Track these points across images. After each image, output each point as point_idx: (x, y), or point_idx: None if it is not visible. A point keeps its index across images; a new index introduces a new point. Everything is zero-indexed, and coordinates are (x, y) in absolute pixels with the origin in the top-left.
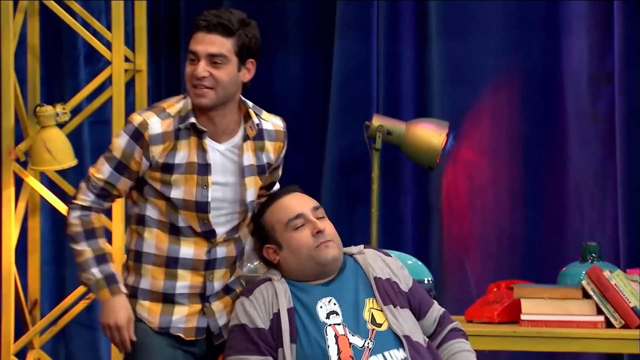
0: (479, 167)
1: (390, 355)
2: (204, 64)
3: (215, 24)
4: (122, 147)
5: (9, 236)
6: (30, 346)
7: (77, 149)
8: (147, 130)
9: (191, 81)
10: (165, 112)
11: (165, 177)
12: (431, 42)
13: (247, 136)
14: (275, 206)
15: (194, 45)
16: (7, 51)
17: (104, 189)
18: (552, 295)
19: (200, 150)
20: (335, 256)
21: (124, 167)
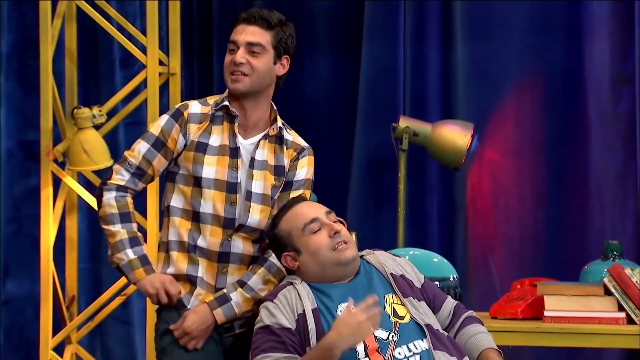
0: (503, 167)
1: (415, 346)
2: (243, 52)
3: (257, 16)
4: (162, 124)
5: (47, 234)
6: (67, 341)
7: (112, 150)
8: (187, 110)
9: (229, 68)
10: (205, 101)
11: (198, 156)
12: (456, 45)
13: (268, 134)
14: (289, 215)
15: (234, 35)
16: (46, 55)
17: (139, 167)
18: (574, 292)
19: (231, 134)
20: (355, 255)
21: (161, 144)
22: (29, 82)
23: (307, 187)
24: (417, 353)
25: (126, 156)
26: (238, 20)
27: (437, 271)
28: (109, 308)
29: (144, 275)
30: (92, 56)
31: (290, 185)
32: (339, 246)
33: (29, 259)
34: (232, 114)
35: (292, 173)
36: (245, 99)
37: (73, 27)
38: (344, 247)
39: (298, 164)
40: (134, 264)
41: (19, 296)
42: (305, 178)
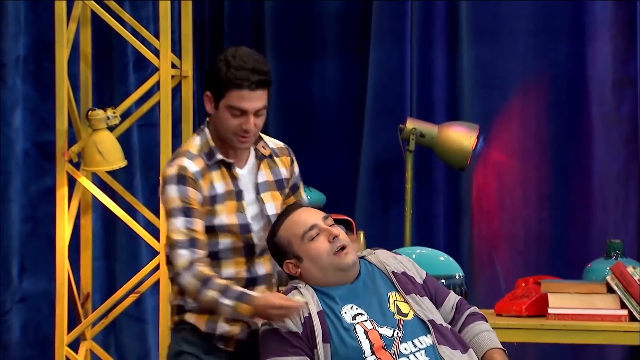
0: (508, 168)
1: (420, 341)
2: (253, 119)
3: (257, 82)
4: (176, 194)
5: (62, 233)
6: (82, 337)
7: (126, 151)
8: (188, 171)
9: (236, 132)
10: (190, 153)
11: (212, 209)
12: (462, 48)
13: (263, 155)
14: (288, 222)
15: (240, 102)
16: (61, 58)
17: (191, 239)
18: (577, 290)
19: (232, 179)
20: (355, 260)
21: (189, 209)
22: (45, 84)
23: (301, 180)
24: (422, 348)
25: (172, 241)
26: (237, 85)
27: (443, 269)
28: (122, 305)
29: (249, 307)
30: (106, 59)
31: (297, 186)
32: (339, 251)
33: (45, 257)
34: (228, 162)
35: (294, 175)
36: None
37: (88, 30)
38: (344, 252)
39: (293, 166)
40: (237, 307)
41: (35, 293)
42: (298, 174)
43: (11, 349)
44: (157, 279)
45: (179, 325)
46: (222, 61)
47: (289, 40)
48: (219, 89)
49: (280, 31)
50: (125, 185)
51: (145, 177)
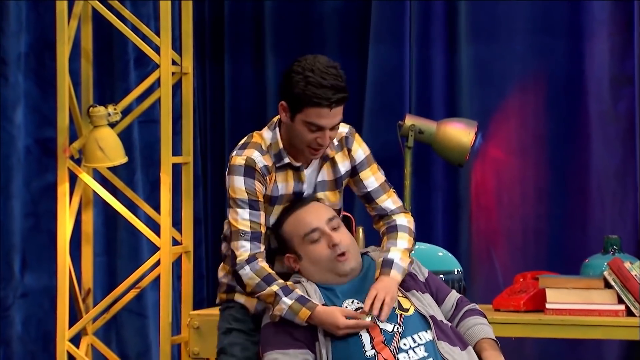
0: (506, 164)
1: (420, 337)
2: (329, 133)
3: (337, 100)
4: (244, 187)
5: (63, 229)
6: (83, 332)
7: (127, 147)
8: (257, 164)
9: (310, 144)
10: (261, 148)
11: (269, 208)
12: (461, 46)
13: (327, 156)
14: (292, 219)
15: (318, 120)
16: (62, 55)
17: (253, 231)
18: (575, 285)
19: (296, 180)
20: (353, 267)
21: (256, 202)
22: (46, 81)
23: (370, 162)
24: (421, 344)
25: (235, 229)
26: (316, 103)
27: (441, 265)
28: (123, 300)
29: (309, 312)
30: (107, 56)
31: (356, 170)
32: (338, 258)
33: (46, 253)
34: (297, 165)
35: (353, 160)
36: None
37: (89, 28)
38: (343, 258)
39: (352, 150)
40: (294, 308)
41: (37, 289)
42: (364, 157)
43: (13, 344)
44: (157, 274)
45: (227, 303)
46: (299, 74)
47: (289, 38)
48: (296, 103)
49: (280, 29)
50: (126, 182)
51: (146, 173)
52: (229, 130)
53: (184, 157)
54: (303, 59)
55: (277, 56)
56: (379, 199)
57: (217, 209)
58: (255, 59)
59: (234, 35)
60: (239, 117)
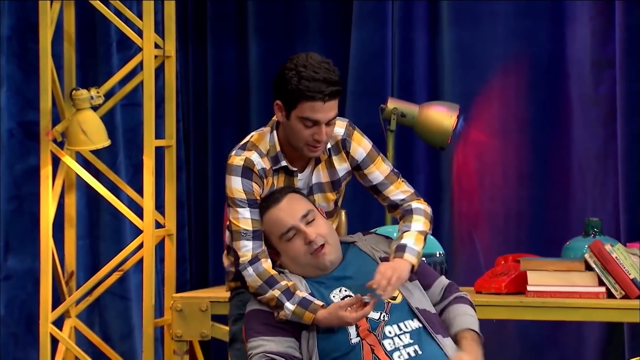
0: (488, 147)
1: (405, 325)
2: (325, 128)
3: (330, 93)
4: (241, 187)
5: (46, 212)
6: (66, 315)
7: (110, 130)
8: (255, 166)
9: (307, 141)
10: (259, 150)
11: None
12: (443, 29)
13: (319, 159)
14: (267, 218)
15: (313, 114)
16: (45, 38)
17: (255, 230)
18: (556, 267)
19: (288, 184)
20: (332, 259)
21: (254, 201)
22: (29, 64)
23: (373, 158)
24: (407, 331)
25: (237, 228)
26: (310, 97)
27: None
28: (106, 283)
29: (312, 316)
30: (90, 39)
31: (359, 167)
32: (316, 252)
33: (29, 235)
34: (291, 169)
35: (354, 161)
36: None
37: (71, 11)
38: (320, 253)
39: (351, 152)
40: (298, 312)
41: (20, 271)
42: (365, 155)
43: None
44: (140, 257)
45: (237, 290)
46: (292, 71)
47: (272, 21)
48: (290, 100)
49: (263, 12)
50: (108, 165)
51: (129, 156)
52: (212, 113)
53: (166, 140)
54: (295, 57)
55: (260, 39)
56: (386, 191)
57: (200, 191)
58: (238, 42)
59: (216, 18)
60: (222, 100)
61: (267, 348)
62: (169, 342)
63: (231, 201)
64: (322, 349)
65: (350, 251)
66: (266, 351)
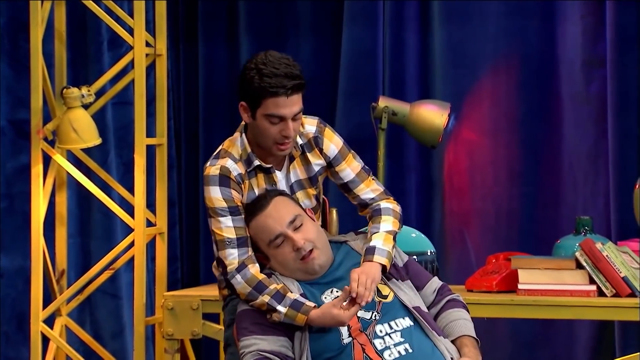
0: (478, 146)
1: (396, 323)
2: (291, 124)
3: (292, 87)
4: (220, 195)
5: (37, 210)
6: (57, 313)
7: (101, 129)
8: (231, 173)
9: (275, 139)
10: (233, 156)
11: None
12: (434, 28)
13: (293, 157)
14: (255, 224)
15: (277, 110)
16: (36, 36)
17: (239, 238)
18: (547, 266)
19: (269, 183)
20: (321, 263)
21: (235, 208)
22: (20, 63)
23: (344, 155)
24: (398, 330)
25: (221, 237)
26: (272, 93)
27: (415, 246)
28: (97, 281)
29: (305, 318)
30: (80, 38)
31: (331, 165)
32: (305, 259)
33: (20, 234)
34: (267, 167)
35: (327, 157)
36: None
37: (62, 9)
38: (309, 258)
39: (324, 149)
40: (290, 315)
41: (11, 270)
42: (337, 152)
43: None
44: (131, 256)
45: (230, 297)
46: (253, 70)
47: (263, 20)
48: (254, 99)
49: (254, 11)
50: (99, 163)
51: (120, 154)
52: (203, 111)
53: (157, 139)
54: (254, 56)
55: (251, 38)
56: (357, 189)
57: (191, 190)
58: (229, 40)
59: (207, 16)
60: (213, 98)
61: (260, 347)
62: (160, 341)
63: (212, 211)
64: (313, 349)
65: (341, 251)
66: (259, 350)
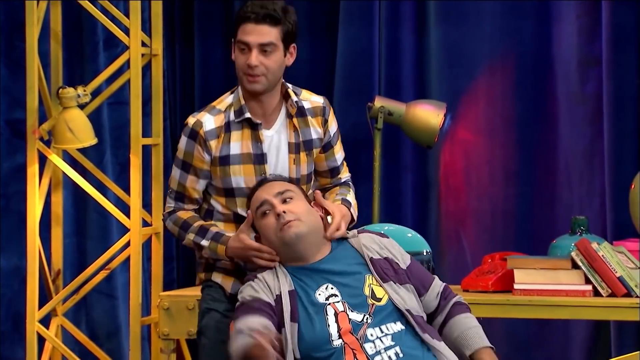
0: (474, 145)
1: (387, 327)
2: (256, 53)
3: (263, 15)
4: (184, 148)
5: (33, 210)
6: (53, 313)
7: (97, 129)
8: (202, 128)
9: (244, 70)
10: (215, 109)
11: (224, 169)
12: (429, 28)
13: (290, 114)
14: (252, 198)
15: (244, 36)
16: (32, 36)
17: (177, 192)
18: (543, 265)
19: (254, 140)
20: (299, 233)
21: (189, 166)
22: (16, 63)
23: (338, 137)
24: (389, 334)
25: (169, 185)
26: (245, 19)
27: (410, 246)
28: (93, 281)
29: (224, 248)
30: (76, 38)
31: (330, 145)
32: (283, 227)
33: (16, 234)
34: (255, 122)
35: (327, 134)
36: (262, 94)
37: (58, 9)
38: (287, 225)
39: (328, 121)
40: (212, 247)
41: (7, 270)
42: (335, 130)
43: None
44: (127, 256)
45: (206, 283)
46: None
47: None
48: (234, 29)
49: None
50: (95, 163)
51: (116, 154)
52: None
53: (153, 139)
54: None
55: None
56: (341, 174)
57: None
58: (225, 40)
59: (203, 16)
60: (209, 98)
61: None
62: (155, 341)
63: (175, 159)
64: (303, 347)
65: (340, 246)
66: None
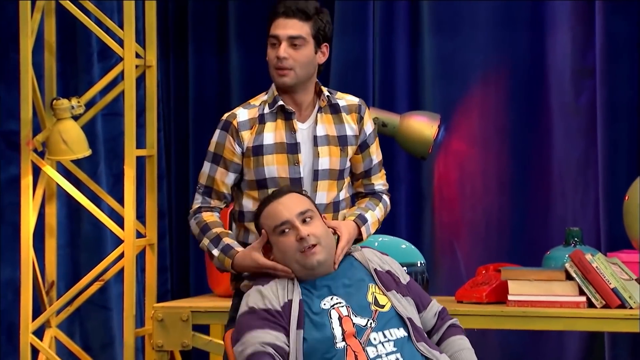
0: (468, 156)
1: (390, 333)
2: (285, 46)
3: (294, 9)
4: (216, 139)
5: (27, 222)
6: (47, 325)
7: (91, 140)
8: (235, 119)
9: (274, 63)
10: (250, 105)
11: (257, 159)
12: (423, 39)
13: (320, 108)
14: (267, 211)
15: (274, 29)
16: (26, 48)
17: (206, 186)
18: (537, 277)
19: (288, 130)
20: (321, 260)
21: (219, 158)
22: (10, 74)
23: (375, 137)
24: (391, 340)
25: (198, 180)
26: (276, 14)
27: (405, 257)
28: (87, 293)
29: (231, 261)
30: (70, 49)
31: (367, 144)
32: (306, 252)
33: (10, 245)
34: (289, 111)
35: (363, 133)
36: (294, 89)
37: (52, 21)
38: (310, 252)
39: (364, 119)
40: (221, 259)
41: (0, 281)
42: (372, 130)
43: None
44: (121, 267)
45: (235, 292)
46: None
47: (253, 30)
48: (268, 27)
49: (245, 21)
50: (89, 174)
51: (110, 166)
52: (193, 122)
53: (147, 150)
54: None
55: (241, 49)
56: (374, 177)
57: (181, 201)
58: (219, 51)
59: (197, 27)
60: (203, 109)
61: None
62: (149, 352)
63: (207, 154)
64: (306, 348)
65: (345, 262)
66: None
